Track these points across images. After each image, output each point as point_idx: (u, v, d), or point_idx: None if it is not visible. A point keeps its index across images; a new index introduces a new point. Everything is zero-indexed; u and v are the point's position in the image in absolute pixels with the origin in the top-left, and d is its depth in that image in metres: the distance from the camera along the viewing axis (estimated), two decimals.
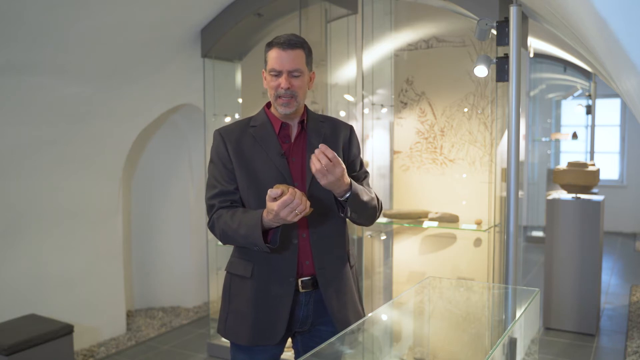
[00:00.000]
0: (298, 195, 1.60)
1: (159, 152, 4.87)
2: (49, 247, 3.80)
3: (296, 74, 1.80)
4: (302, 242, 1.84)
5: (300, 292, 1.84)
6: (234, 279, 1.91)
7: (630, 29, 1.32)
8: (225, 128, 1.93)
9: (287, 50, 1.78)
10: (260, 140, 1.86)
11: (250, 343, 1.86)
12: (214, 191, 1.85)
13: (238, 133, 1.89)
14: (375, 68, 3.73)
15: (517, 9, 2.68)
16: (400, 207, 3.53)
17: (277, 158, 1.83)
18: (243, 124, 1.92)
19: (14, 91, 3.15)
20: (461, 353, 2.09)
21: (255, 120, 1.92)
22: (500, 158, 3.25)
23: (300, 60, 1.81)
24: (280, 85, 1.79)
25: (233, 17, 3.72)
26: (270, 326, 1.84)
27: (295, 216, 1.61)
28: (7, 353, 3.05)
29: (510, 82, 2.71)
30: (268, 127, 1.88)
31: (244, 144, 1.87)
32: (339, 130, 1.97)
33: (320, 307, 1.89)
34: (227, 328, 1.91)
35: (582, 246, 4.28)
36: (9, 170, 3.44)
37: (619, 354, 3.89)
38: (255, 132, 1.88)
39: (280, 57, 1.78)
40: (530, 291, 2.09)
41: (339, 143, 1.94)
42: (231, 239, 1.79)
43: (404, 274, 3.61)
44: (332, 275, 1.88)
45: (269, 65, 1.82)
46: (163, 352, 4.02)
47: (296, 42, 1.80)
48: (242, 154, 1.85)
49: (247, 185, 1.84)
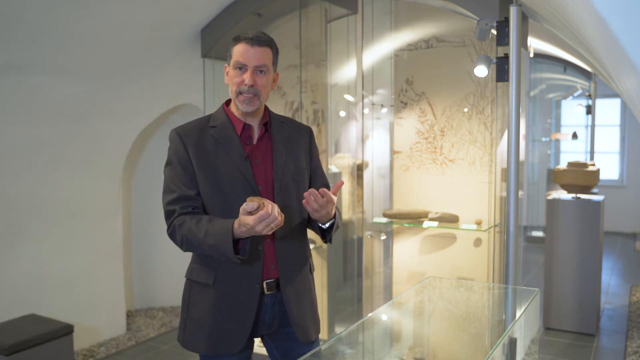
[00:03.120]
0: (274, 210, 1.55)
1: (159, 152, 4.86)
2: (49, 247, 3.80)
3: (262, 69, 1.74)
4: (266, 247, 1.79)
5: (266, 294, 1.80)
6: (194, 286, 1.84)
7: (630, 29, 1.32)
8: (183, 128, 1.83)
9: (254, 46, 1.73)
10: (221, 141, 1.78)
11: (208, 352, 1.80)
12: (172, 196, 1.76)
13: (197, 133, 1.80)
14: (375, 68, 3.73)
15: (517, 9, 2.68)
16: (400, 207, 3.53)
17: (240, 161, 1.76)
18: (202, 124, 1.83)
19: (14, 91, 3.15)
20: (461, 353, 2.09)
21: (215, 119, 1.83)
22: (500, 158, 3.25)
23: (267, 57, 1.76)
24: (244, 82, 1.73)
25: (233, 17, 3.72)
26: (231, 334, 1.78)
27: (270, 230, 1.57)
28: (7, 353, 3.05)
29: (510, 82, 2.71)
30: (229, 127, 1.80)
31: (204, 145, 1.78)
32: (299, 133, 1.93)
33: (284, 308, 1.85)
34: (185, 337, 1.85)
35: (582, 246, 4.28)
36: (9, 170, 3.44)
37: (619, 354, 3.89)
38: (216, 132, 1.80)
39: (247, 51, 1.73)
40: (530, 291, 2.09)
41: (301, 145, 1.91)
42: (195, 247, 1.72)
43: (404, 274, 3.61)
44: (294, 279, 1.85)
45: (234, 59, 1.75)
46: (163, 352, 4.02)
47: (265, 39, 1.76)
48: (203, 156, 1.77)
49: (210, 190, 1.76)
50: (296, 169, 1.86)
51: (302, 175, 1.88)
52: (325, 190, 1.65)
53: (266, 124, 1.85)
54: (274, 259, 1.81)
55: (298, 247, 1.88)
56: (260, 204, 1.57)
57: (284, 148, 1.85)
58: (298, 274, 1.87)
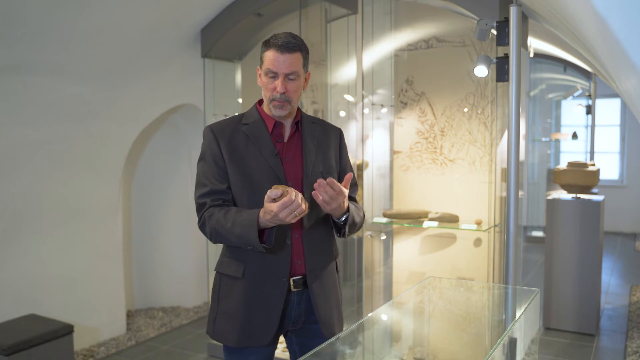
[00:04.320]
0: (298, 197, 1.59)
1: (159, 152, 4.87)
2: (49, 247, 3.80)
3: (292, 76, 1.78)
4: (294, 242, 1.83)
5: (292, 291, 1.84)
6: (224, 279, 1.88)
7: (630, 29, 1.32)
8: (217, 125, 1.89)
9: (284, 53, 1.76)
10: (253, 138, 1.84)
11: (239, 345, 1.84)
12: (204, 190, 1.82)
13: (230, 130, 1.86)
14: (375, 68, 3.73)
15: (517, 9, 2.68)
16: (400, 207, 3.53)
17: (271, 157, 1.82)
18: (235, 121, 1.89)
19: (14, 91, 3.15)
20: (461, 353, 2.09)
21: (248, 117, 1.89)
22: (500, 158, 3.25)
23: (298, 63, 1.79)
24: (275, 89, 1.77)
25: (233, 17, 3.72)
26: (260, 327, 1.82)
27: (294, 217, 1.60)
28: (7, 353, 3.05)
29: (510, 82, 2.71)
30: (261, 125, 1.86)
31: (236, 141, 1.84)
32: (330, 133, 1.98)
33: (310, 305, 1.88)
34: (215, 329, 1.89)
35: (582, 246, 4.28)
36: (9, 170, 3.44)
37: (619, 354, 3.89)
38: (248, 130, 1.85)
39: (277, 59, 1.76)
40: (530, 291, 2.09)
41: (331, 146, 1.96)
42: (223, 238, 1.76)
43: (404, 274, 3.61)
44: (322, 276, 1.88)
45: (265, 66, 1.79)
46: (163, 352, 4.02)
47: (294, 44, 1.78)
48: (235, 152, 1.83)
49: (241, 185, 1.82)
50: (325, 167, 1.90)
51: (331, 174, 1.92)
52: (333, 180, 1.66)
53: (297, 123, 1.90)
54: (302, 255, 1.84)
55: (325, 244, 1.91)
56: (284, 192, 1.58)
57: (314, 147, 1.89)
58: (325, 271, 1.90)
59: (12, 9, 2.69)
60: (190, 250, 4.97)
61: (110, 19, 3.12)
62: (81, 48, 3.20)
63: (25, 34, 2.87)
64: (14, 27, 2.80)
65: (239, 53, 4.13)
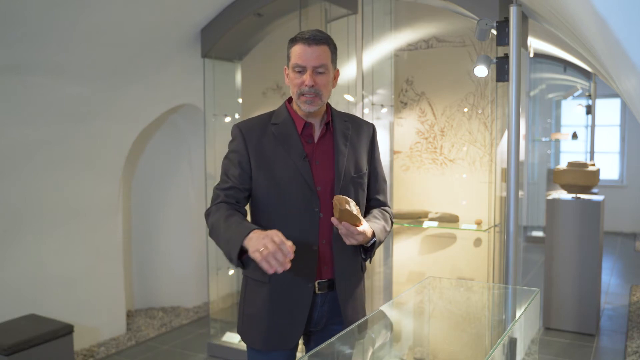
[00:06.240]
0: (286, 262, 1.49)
1: (159, 152, 4.87)
2: (49, 247, 3.80)
3: (321, 70, 1.72)
4: (322, 247, 1.80)
5: (317, 293, 1.82)
6: (250, 283, 1.87)
7: (630, 29, 1.32)
8: (246, 124, 1.83)
9: (312, 45, 1.70)
10: (281, 139, 1.78)
11: (264, 348, 1.84)
12: (225, 185, 1.79)
13: (259, 131, 1.80)
14: (375, 68, 3.73)
15: (517, 9, 2.68)
16: (400, 207, 3.53)
17: (300, 161, 1.76)
18: (264, 121, 1.83)
19: (14, 91, 3.15)
20: (461, 353, 2.09)
21: (277, 117, 1.83)
22: (500, 158, 3.25)
23: (326, 56, 1.73)
24: (304, 82, 1.72)
25: (233, 17, 3.72)
26: (286, 331, 1.81)
27: (269, 268, 1.49)
28: (7, 353, 3.05)
29: (510, 82, 2.71)
30: (290, 125, 1.80)
31: (265, 143, 1.79)
32: (362, 130, 1.92)
33: (333, 307, 1.86)
34: (243, 331, 1.90)
35: (582, 246, 4.28)
36: (9, 170, 3.44)
37: (619, 354, 3.89)
38: (277, 130, 1.80)
39: (304, 52, 1.71)
40: (530, 291, 2.09)
41: (363, 145, 1.90)
42: (215, 237, 1.72)
43: (404, 274, 3.61)
44: (350, 281, 1.86)
45: (293, 61, 1.74)
46: (163, 352, 4.02)
47: (322, 37, 1.73)
48: (262, 154, 1.78)
49: (267, 189, 1.78)
50: (357, 170, 1.85)
51: (362, 178, 1.87)
52: (348, 225, 1.65)
53: (328, 123, 1.84)
54: (329, 261, 1.81)
55: (353, 250, 1.87)
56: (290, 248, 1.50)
57: (346, 148, 1.83)
58: (352, 276, 1.88)
59: (12, 9, 2.69)
60: (190, 250, 4.96)
61: (110, 19, 3.12)
62: (81, 48, 3.20)
63: (25, 34, 2.87)
64: (14, 27, 2.80)
65: (239, 53, 4.13)
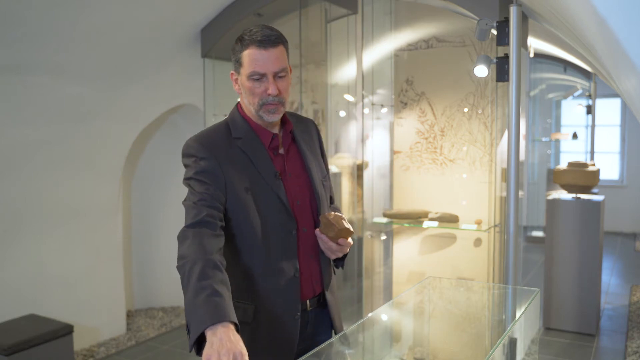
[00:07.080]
0: None
1: (159, 152, 4.87)
2: (49, 247, 3.80)
3: (282, 74, 1.54)
4: (311, 264, 1.66)
5: (308, 310, 1.66)
6: None
7: (630, 29, 1.32)
8: (209, 140, 1.55)
9: (268, 48, 1.50)
10: (250, 157, 1.56)
11: None
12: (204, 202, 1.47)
13: (225, 148, 1.55)
14: (375, 68, 3.73)
15: (517, 9, 2.68)
16: (400, 207, 3.53)
17: (273, 180, 1.56)
18: (224, 134, 1.58)
19: (14, 91, 3.15)
20: (461, 353, 2.09)
21: (236, 129, 1.59)
22: (500, 158, 3.25)
23: (284, 57, 1.54)
24: (267, 92, 1.52)
25: (233, 17, 3.72)
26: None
27: None
28: (7, 353, 3.05)
29: (510, 82, 2.71)
30: (255, 140, 1.58)
31: (235, 163, 1.54)
32: (311, 130, 1.77)
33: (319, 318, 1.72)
34: None
35: (582, 246, 4.28)
36: (9, 170, 3.44)
37: (619, 354, 3.89)
38: (243, 145, 1.57)
39: (261, 57, 1.50)
40: (530, 291, 2.09)
41: (315, 145, 1.76)
42: (182, 282, 1.37)
43: (404, 274, 3.61)
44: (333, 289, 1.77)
45: (249, 69, 1.51)
46: (163, 352, 4.02)
47: (276, 36, 1.53)
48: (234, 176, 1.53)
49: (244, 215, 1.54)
50: (322, 174, 1.72)
51: (326, 180, 1.75)
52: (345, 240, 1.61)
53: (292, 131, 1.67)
54: (318, 274, 1.67)
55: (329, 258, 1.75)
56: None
57: (310, 154, 1.70)
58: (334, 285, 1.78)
59: (12, 9, 2.69)
60: None
61: (110, 19, 3.12)
62: (81, 48, 3.20)
63: (25, 34, 2.87)
64: (14, 27, 2.80)
65: None
